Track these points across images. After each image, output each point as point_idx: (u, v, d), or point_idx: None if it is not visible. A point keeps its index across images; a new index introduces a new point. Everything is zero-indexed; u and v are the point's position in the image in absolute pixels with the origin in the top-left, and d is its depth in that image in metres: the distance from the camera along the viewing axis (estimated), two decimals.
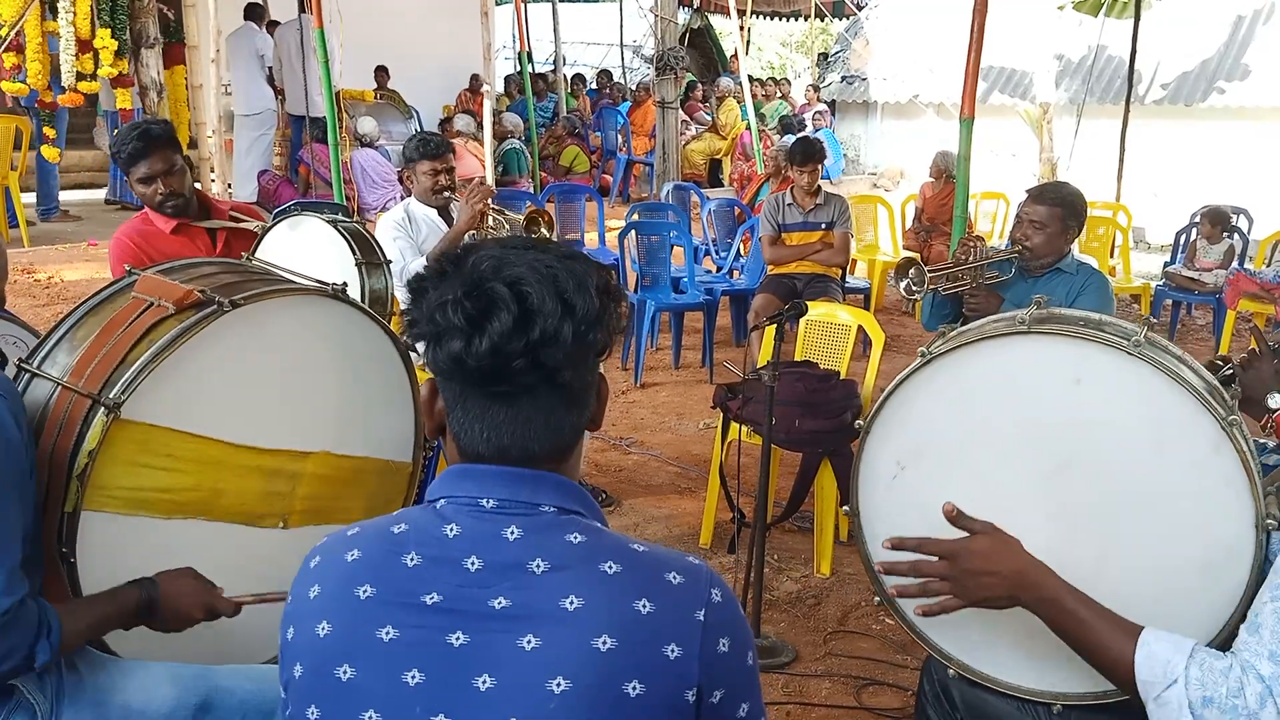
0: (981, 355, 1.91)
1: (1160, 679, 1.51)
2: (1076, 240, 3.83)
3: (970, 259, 3.57)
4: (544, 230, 4.48)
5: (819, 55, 19.13)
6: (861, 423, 2.01)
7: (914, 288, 3.46)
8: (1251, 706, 1.45)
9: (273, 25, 10.82)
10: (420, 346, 1.22)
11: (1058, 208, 3.64)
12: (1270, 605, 1.52)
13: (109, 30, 8.29)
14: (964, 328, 2.07)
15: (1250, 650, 1.49)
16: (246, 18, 10.52)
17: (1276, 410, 2.29)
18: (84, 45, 8.21)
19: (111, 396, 1.85)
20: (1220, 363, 2.41)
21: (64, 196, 9.84)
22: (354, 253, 3.30)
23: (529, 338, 1.15)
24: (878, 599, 2.03)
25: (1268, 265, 7.49)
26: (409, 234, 4.38)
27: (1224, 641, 1.71)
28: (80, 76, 8.27)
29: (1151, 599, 1.74)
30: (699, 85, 15.22)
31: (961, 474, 1.91)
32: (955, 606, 1.67)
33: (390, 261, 3.47)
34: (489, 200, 4.37)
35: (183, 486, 2.02)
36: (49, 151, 8.79)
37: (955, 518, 1.67)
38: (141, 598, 1.84)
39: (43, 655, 1.66)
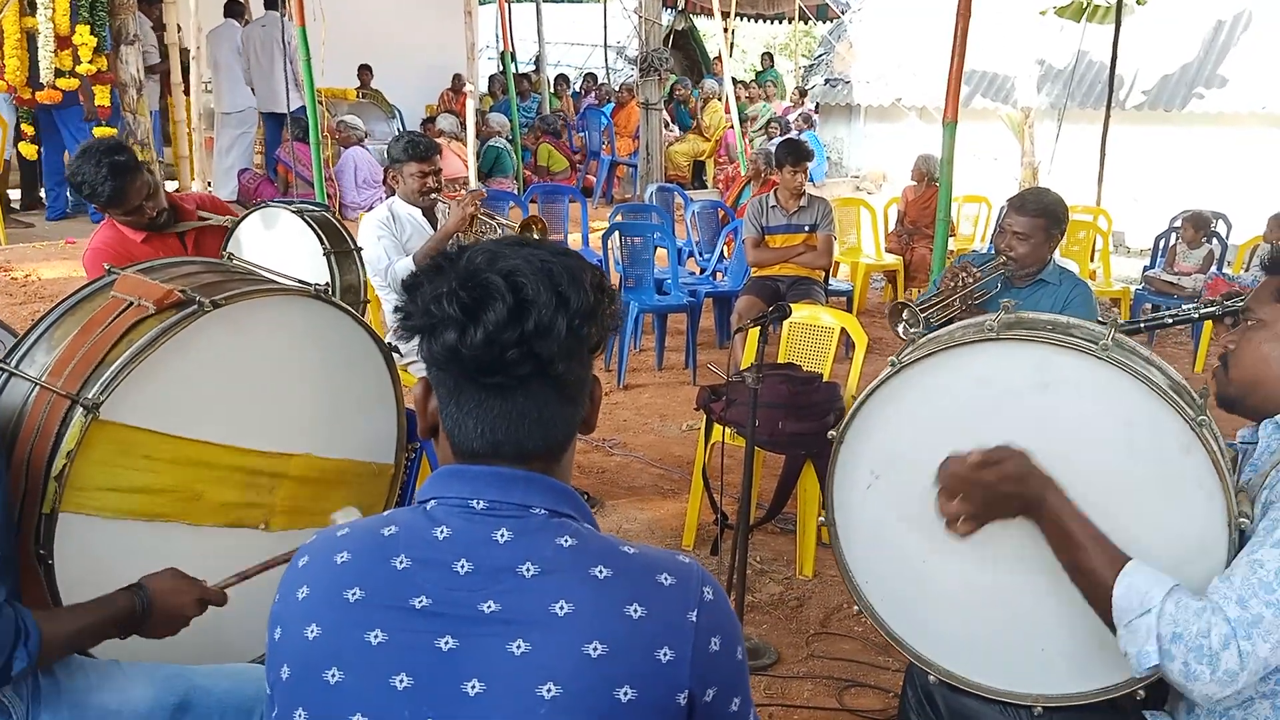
0: (951, 362, 1.92)
1: (1135, 606, 1.57)
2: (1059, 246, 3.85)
3: (958, 285, 3.57)
4: (535, 238, 4.47)
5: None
6: (835, 433, 2.01)
7: (910, 329, 3.46)
8: (1215, 647, 1.50)
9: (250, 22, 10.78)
10: (405, 345, 1.22)
11: (1040, 218, 3.66)
12: (1246, 557, 1.58)
13: (88, 27, 8.21)
14: (933, 335, 2.07)
15: (1220, 594, 1.55)
16: (227, 15, 10.45)
17: None
18: (63, 42, 8.14)
19: (90, 397, 1.83)
20: (1228, 299, 2.40)
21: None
22: (322, 242, 3.26)
23: (524, 328, 1.15)
24: (857, 609, 2.04)
25: (1246, 270, 7.55)
26: (393, 233, 4.36)
27: None
28: (59, 73, 8.20)
29: None
30: (683, 86, 15.21)
31: (934, 481, 1.91)
32: (974, 517, 1.77)
33: (361, 249, 3.44)
34: (479, 204, 4.36)
35: (161, 487, 2.01)
36: (26, 149, 8.72)
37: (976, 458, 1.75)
38: (136, 604, 1.81)
39: (19, 663, 1.62)
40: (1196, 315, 2.26)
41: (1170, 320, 2.27)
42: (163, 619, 1.85)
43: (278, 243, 3.20)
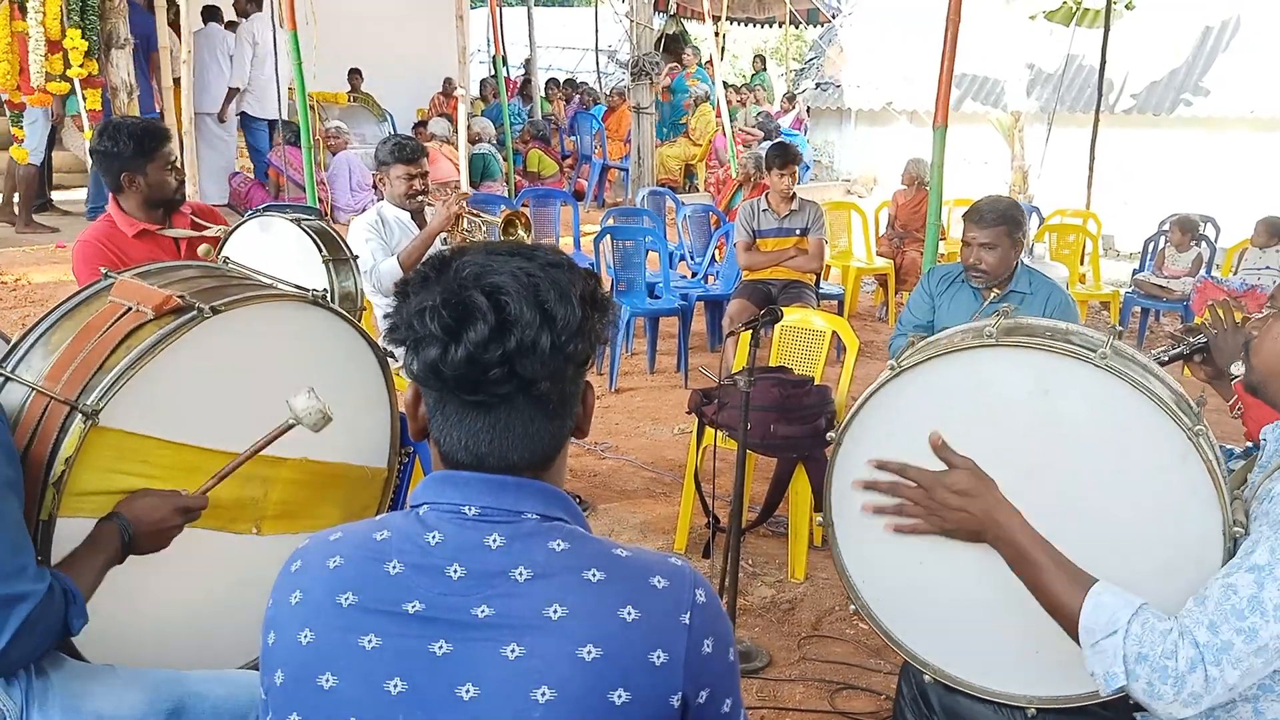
0: (950, 367, 1.93)
1: (1103, 627, 1.58)
2: (1047, 248, 3.89)
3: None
4: (521, 232, 4.48)
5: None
6: (834, 434, 2.02)
7: None
8: (1181, 669, 1.50)
9: (231, 25, 10.77)
10: (400, 351, 1.22)
11: (1002, 225, 3.71)
12: (1220, 580, 1.58)
13: (79, 30, 8.20)
14: (932, 339, 2.09)
15: (1192, 617, 1.55)
16: (207, 19, 10.45)
17: (1237, 378, 2.34)
18: (53, 45, 8.12)
19: (89, 403, 1.83)
20: (1189, 335, 2.45)
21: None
22: (320, 250, 3.29)
23: (505, 348, 1.14)
24: (853, 607, 2.05)
25: (1234, 273, 7.59)
26: (381, 236, 4.37)
27: None
28: (49, 77, 8.18)
29: None
30: (698, 79, 15.15)
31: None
32: (924, 530, 1.79)
33: (357, 257, 3.46)
34: (464, 203, 4.37)
35: None
36: (18, 153, 8.69)
37: (939, 447, 1.78)
38: (120, 532, 1.87)
39: (78, 621, 1.74)
40: (1165, 359, 2.29)
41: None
42: (150, 537, 1.91)
43: (274, 250, 3.22)
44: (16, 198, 9.01)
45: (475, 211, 4.50)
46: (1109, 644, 1.56)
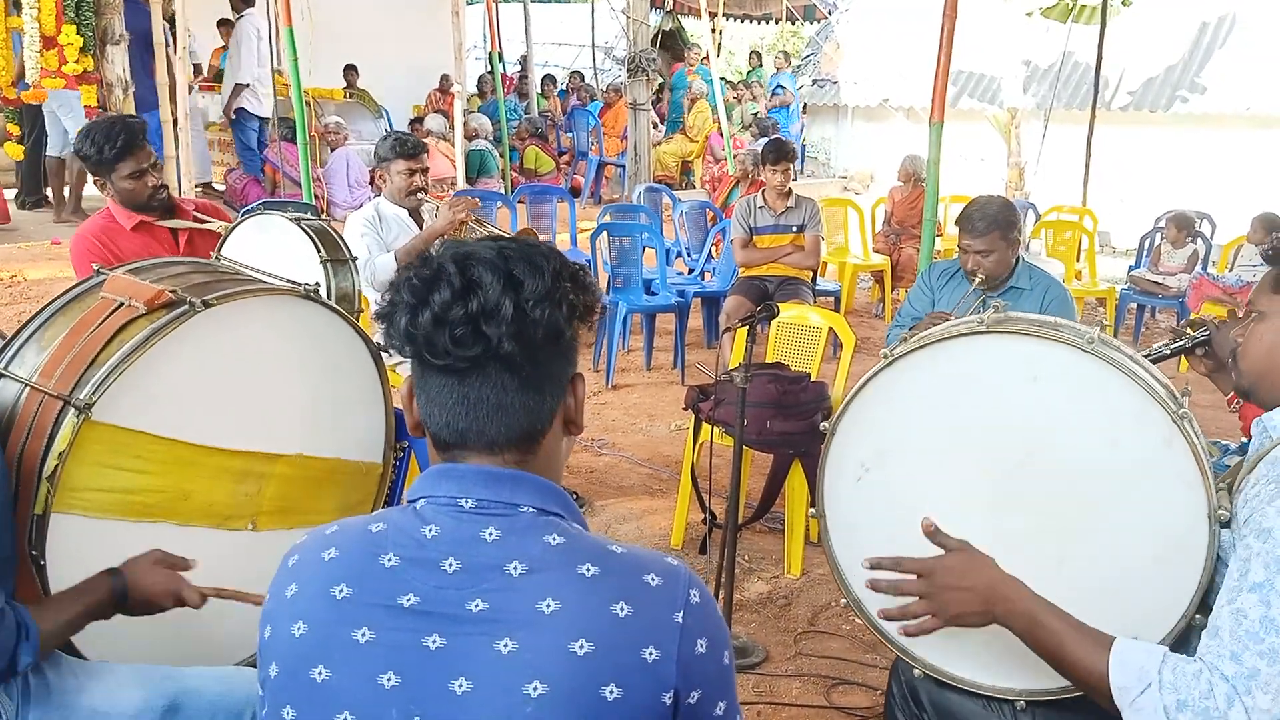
0: (942, 356, 1.95)
1: (1135, 683, 1.53)
2: (1043, 245, 3.88)
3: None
4: None
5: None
6: (827, 424, 2.03)
7: None
8: (1221, 707, 1.47)
9: (223, 23, 10.75)
10: (392, 345, 1.23)
11: (994, 231, 3.70)
12: (1227, 609, 1.54)
13: (74, 27, 8.19)
14: (924, 331, 2.10)
15: (1213, 653, 1.52)
16: None
17: None
18: (49, 41, 8.11)
19: (82, 398, 1.84)
20: (1191, 329, 2.45)
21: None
22: (319, 250, 3.29)
23: (468, 309, 1.17)
24: (844, 601, 2.06)
25: (1230, 270, 7.60)
26: (378, 232, 4.34)
27: (1181, 633, 1.75)
28: (45, 73, 8.17)
29: (1110, 592, 1.78)
30: (701, 77, 15.14)
31: (924, 474, 1.94)
32: (934, 626, 1.69)
33: (356, 258, 3.46)
34: (470, 212, 4.34)
35: (151, 488, 2.01)
36: (12, 149, 8.68)
37: (932, 534, 1.70)
38: (114, 588, 1.83)
39: (25, 657, 1.68)
40: (1169, 351, 2.30)
41: (1150, 358, 2.30)
42: (138, 604, 1.87)
43: (273, 250, 3.21)
44: (67, 190, 8.97)
45: (482, 221, 4.47)
46: (1146, 700, 1.52)
